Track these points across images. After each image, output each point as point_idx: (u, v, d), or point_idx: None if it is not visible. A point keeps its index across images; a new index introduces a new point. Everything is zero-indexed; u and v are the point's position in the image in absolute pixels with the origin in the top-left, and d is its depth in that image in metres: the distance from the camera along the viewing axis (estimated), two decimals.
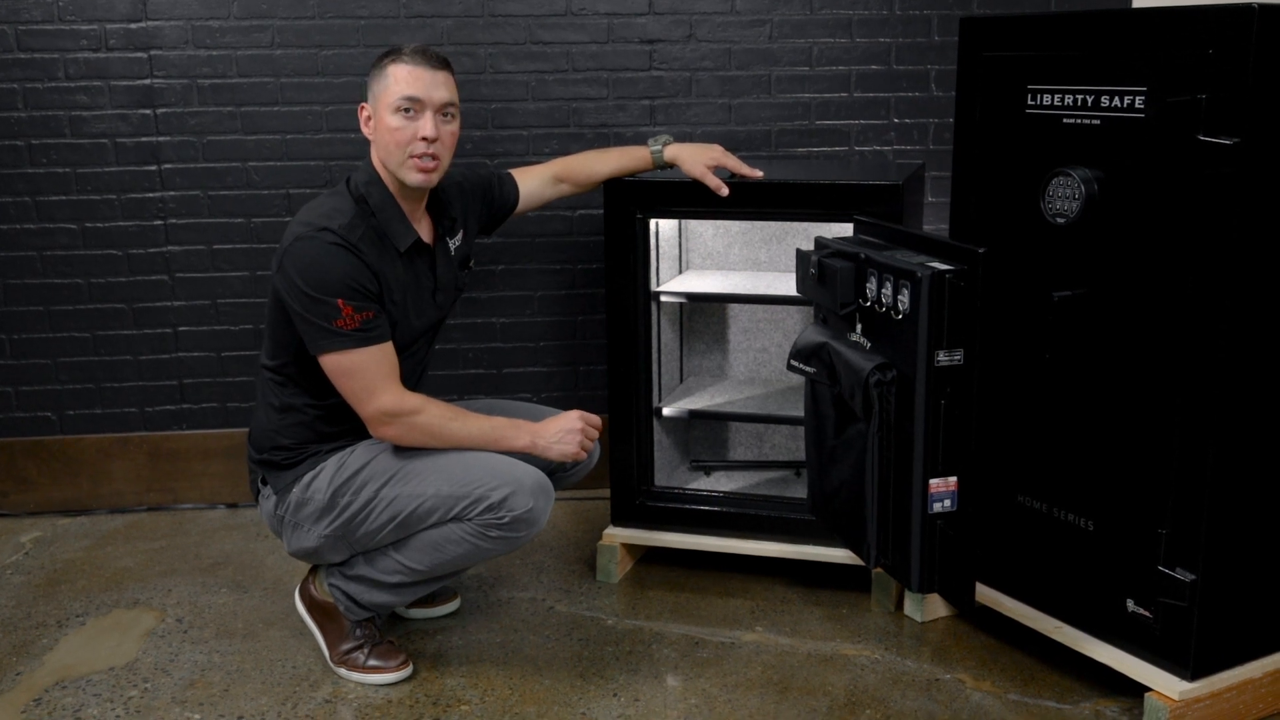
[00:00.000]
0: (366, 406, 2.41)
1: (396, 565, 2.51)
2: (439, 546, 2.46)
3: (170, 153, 3.39)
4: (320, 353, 2.39)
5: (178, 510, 3.57)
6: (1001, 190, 2.53)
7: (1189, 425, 2.23)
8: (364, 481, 2.47)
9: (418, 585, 2.57)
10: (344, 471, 2.49)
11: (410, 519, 2.44)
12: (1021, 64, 2.45)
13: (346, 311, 2.35)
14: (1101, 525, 2.42)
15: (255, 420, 2.62)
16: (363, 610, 2.60)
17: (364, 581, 2.56)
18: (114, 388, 3.51)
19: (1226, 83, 2.08)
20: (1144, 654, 2.37)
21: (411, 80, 2.44)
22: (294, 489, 2.52)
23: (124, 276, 3.44)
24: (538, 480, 2.44)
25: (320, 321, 2.36)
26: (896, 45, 3.50)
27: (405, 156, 2.46)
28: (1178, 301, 2.22)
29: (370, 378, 2.39)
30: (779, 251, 3.29)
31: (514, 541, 2.46)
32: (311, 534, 2.52)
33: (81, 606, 2.94)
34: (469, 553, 2.46)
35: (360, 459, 2.49)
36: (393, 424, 2.42)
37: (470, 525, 2.43)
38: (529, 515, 2.42)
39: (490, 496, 2.40)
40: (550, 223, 3.52)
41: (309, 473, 2.51)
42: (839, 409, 2.52)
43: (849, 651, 2.68)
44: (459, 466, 2.43)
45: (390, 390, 2.41)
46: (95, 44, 3.31)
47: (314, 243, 2.37)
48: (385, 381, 2.41)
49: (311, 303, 2.35)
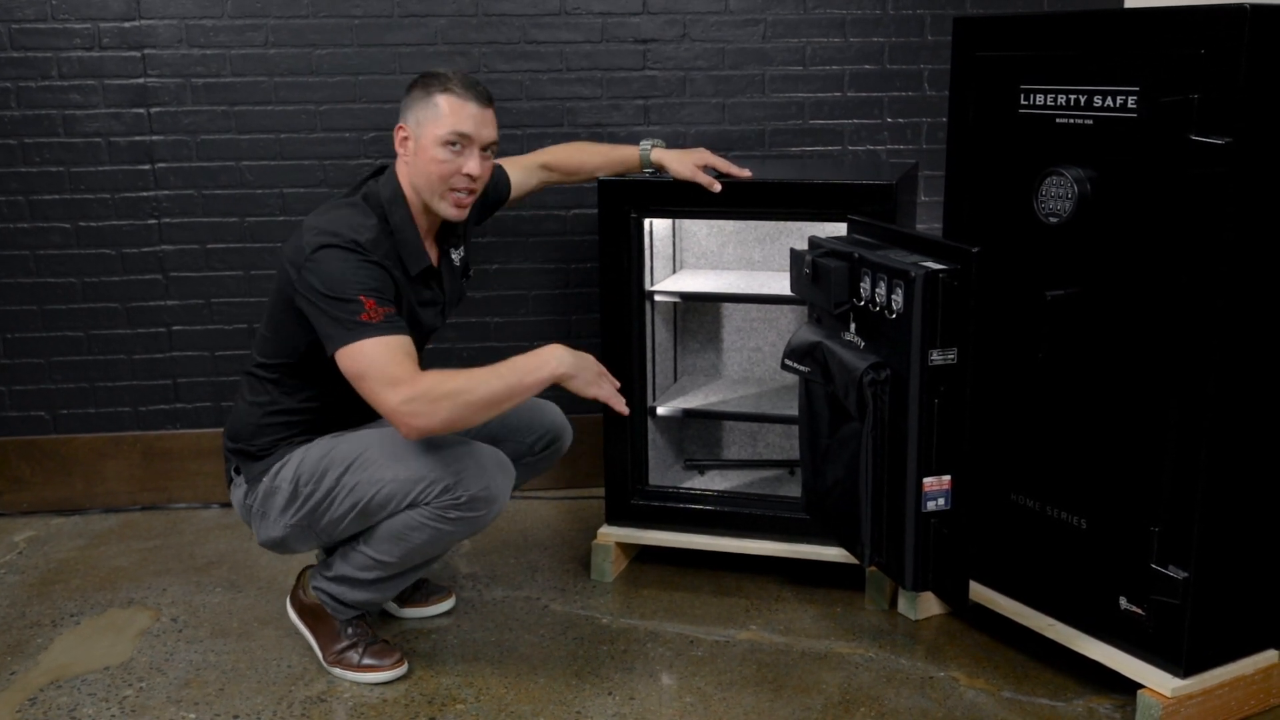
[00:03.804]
0: (390, 398, 2.29)
1: (368, 560, 2.51)
2: (402, 535, 2.45)
3: (164, 152, 3.38)
4: (342, 345, 2.32)
5: (171, 510, 3.57)
6: (995, 190, 2.54)
7: (1181, 424, 2.24)
8: (325, 470, 2.46)
9: (395, 578, 2.57)
10: (307, 461, 2.49)
11: (371, 506, 2.44)
12: (1014, 64, 2.46)
13: (369, 304, 2.32)
14: (1094, 523, 2.43)
15: (236, 412, 2.61)
16: (348, 609, 2.60)
17: (344, 581, 2.57)
18: (107, 387, 3.51)
19: (1218, 83, 2.09)
20: (1137, 651, 2.38)
21: (463, 117, 2.44)
22: (264, 479, 2.53)
23: (118, 276, 3.44)
24: (495, 458, 2.44)
25: (345, 317, 2.32)
26: (890, 45, 3.51)
27: (445, 189, 2.47)
28: (1170, 301, 2.23)
29: (387, 368, 2.30)
30: (773, 251, 3.30)
31: (475, 522, 2.44)
32: (278, 524, 2.52)
33: (76, 606, 2.94)
34: (433, 537, 2.45)
35: (321, 449, 2.49)
36: (417, 408, 2.28)
37: (429, 509, 2.41)
38: (486, 494, 2.41)
39: (446, 478, 2.39)
40: (545, 222, 3.52)
41: (278, 463, 2.52)
42: (833, 408, 2.53)
43: (843, 650, 2.68)
44: (407, 453, 2.42)
45: (407, 374, 2.31)
46: (89, 43, 3.31)
47: (339, 254, 2.35)
48: (402, 367, 2.31)
49: (335, 303, 2.33)
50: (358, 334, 2.32)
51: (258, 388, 2.56)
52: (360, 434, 2.52)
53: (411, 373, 2.32)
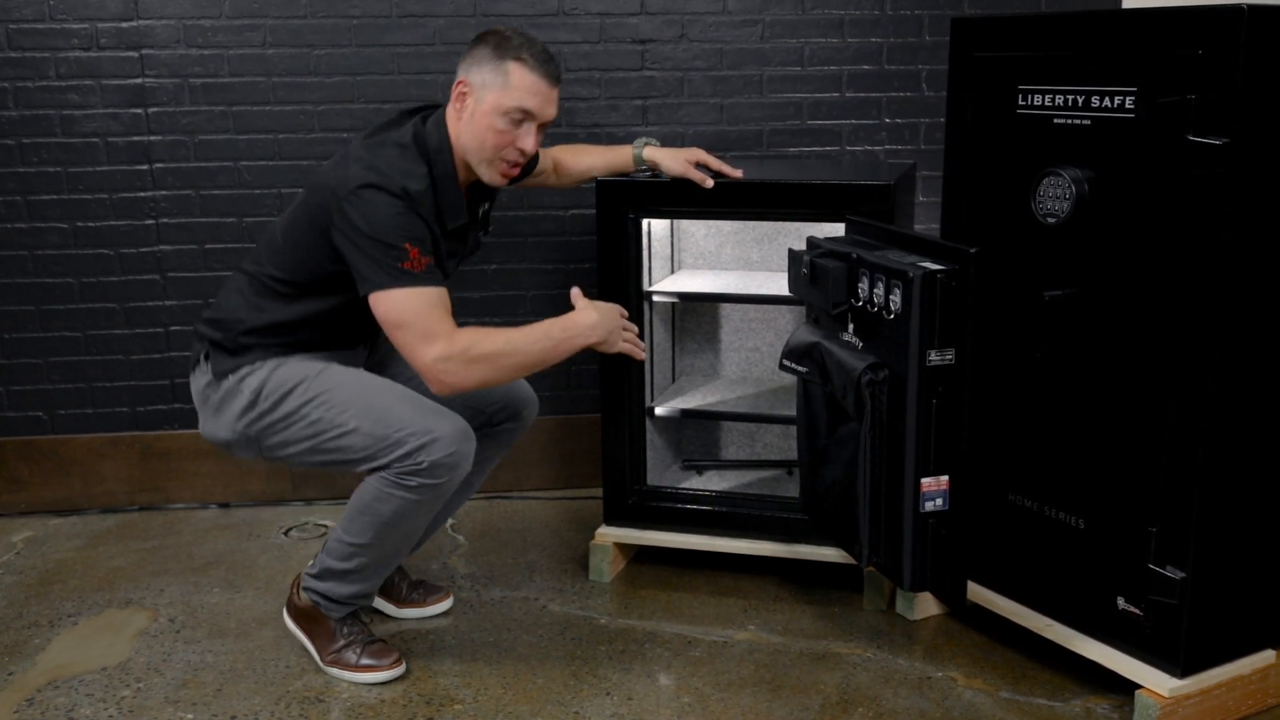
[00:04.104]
0: (426, 354, 2.30)
1: (346, 547, 2.51)
2: (369, 508, 2.45)
3: (162, 152, 3.38)
4: (380, 289, 2.30)
5: (169, 510, 3.57)
6: (992, 190, 2.54)
7: (1179, 424, 2.24)
8: (290, 391, 2.44)
9: (378, 565, 2.55)
10: (277, 378, 2.45)
11: (327, 446, 2.43)
12: (1012, 64, 2.46)
13: (414, 253, 2.29)
14: (1092, 523, 2.43)
15: (226, 303, 2.54)
16: (340, 606, 2.59)
17: (330, 575, 2.56)
18: (105, 387, 3.51)
19: (1216, 83, 2.09)
20: (1134, 651, 2.38)
21: (533, 93, 2.40)
22: (229, 377, 2.48)
23: (115, 276, 3.44)
24: (457, 425, 2.43)
25: (388, 262, 2.29)
26: (888, 45, 3.51)
27: (495, 158, 2.44)
28: (1168, 301, 2.23)
29: (427, 321, 2.31)
30: (771, 251, 3.30)
31: (438, 490, 2.43)
32: (228, 426, 2.49)
33: (74, 606, 2.94)
34: (400, 509, 2.43)
35: (295, 372, 2.46)
36: (452, 367, 2.31)
37: (390, 477, 2.41)
38: (449, 460, 2.40)
39: (409, 442, 2.38)
40: (542, 223, 3.52)
41: (248, 367, 2.47)
42: (831, 408, 2.53)
43: (841, 650, 2.68)
44: (383, 406, 2.41)
45: (445, 329, 2.32)
46: (86, 43, 3.30)
47: (386, 199, 2.30)
48: (441, 322, 2.32)
49: (378, 245, 2.29)
50: (401, 281, 2.30)
51: (261, 292, 2.50)
52: (339, 371, 2.48)
53: (450, 330, 2.32)
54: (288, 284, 2.48)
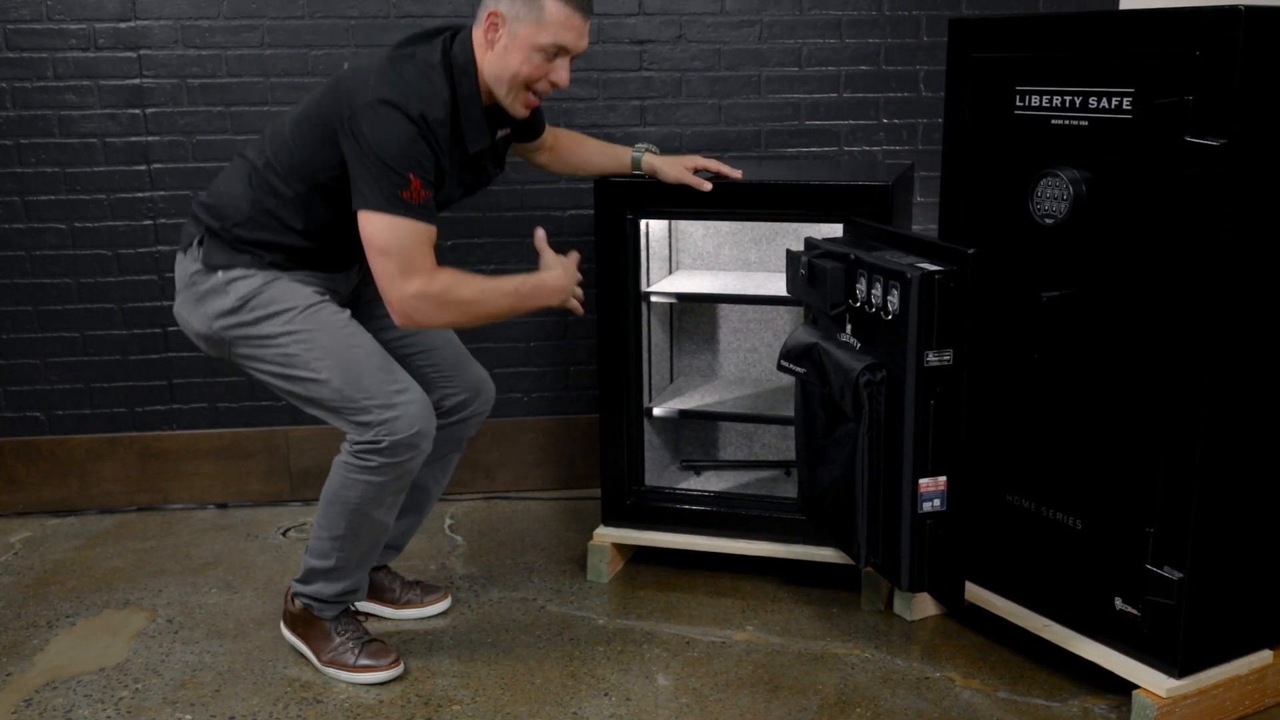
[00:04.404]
0: (402, 288, 2.30)
1: (325, 542, 2.53)
2: (338, 497, 2.48)
3: (160, 152, 3.38)
4: (372, 209, 2.28)
5: (167, 510, 3.57)
6: (990, 191, 2.54)
7: (1177, 424, 2.25)
8: (275, 315, 2.42)
9: (358, 558, 2.56)
10: (266, 294, 2.42)
11: (293, 382, 2.44)
12: (1010, 65, 2.46)
13: (415, 185, 2.27)
14: (1090, 524, 2.44)
15: (227, 190, 2.49)
16: (330, 605, 2.60)
17: (315, 576, 2.58)
18: (103, 388, 3.51)
19: (1213, 84, 2.09)
20: (1132, 652, 2.39)
21: (569, 28, 2.37)
22: (219, 273, 2.44)
23: (113, 276, 3.44)
24: (421, 406, 2.45)
25: (387, 185, 2.27)
26: (885, 46, 3.52)
27: (522, 90, 2.42)
28: (1166, 302, 2.23)
29: (413, 255, 2.30)
30: (769, 252, 3.30)
31: (399, 469, 2.45)
32: (204, 319, 2.46)
33: (72, 607, 2.94)
34: (365, 493, 2.46)
35: (286, 296, 2.43)
36: (423, 306, 2.32)
37: (352, 460, 2.44)
38: (410, 439, 2.42)
39: (371, 413, 2.41)
40: (540, 223, 3.50)
41: (241, 270, 2.43)
42: (829, 409, 2.53)
43: (839, 650, 2.69)
44: (357, 370, 2.41)
45: (426, 272, 2.31)
46: (84, 43, 3.30)
47: (402, 122, 2.27)
48: (425, 261, 2.31)
49: (381, 166, 2.27)
50: (396, 208, 2.28)
51: (262, 187, 2.45)
52: (327, 314, 2.46)
53: (431, 269, 2.32)
54: (290, 184, 2.42)
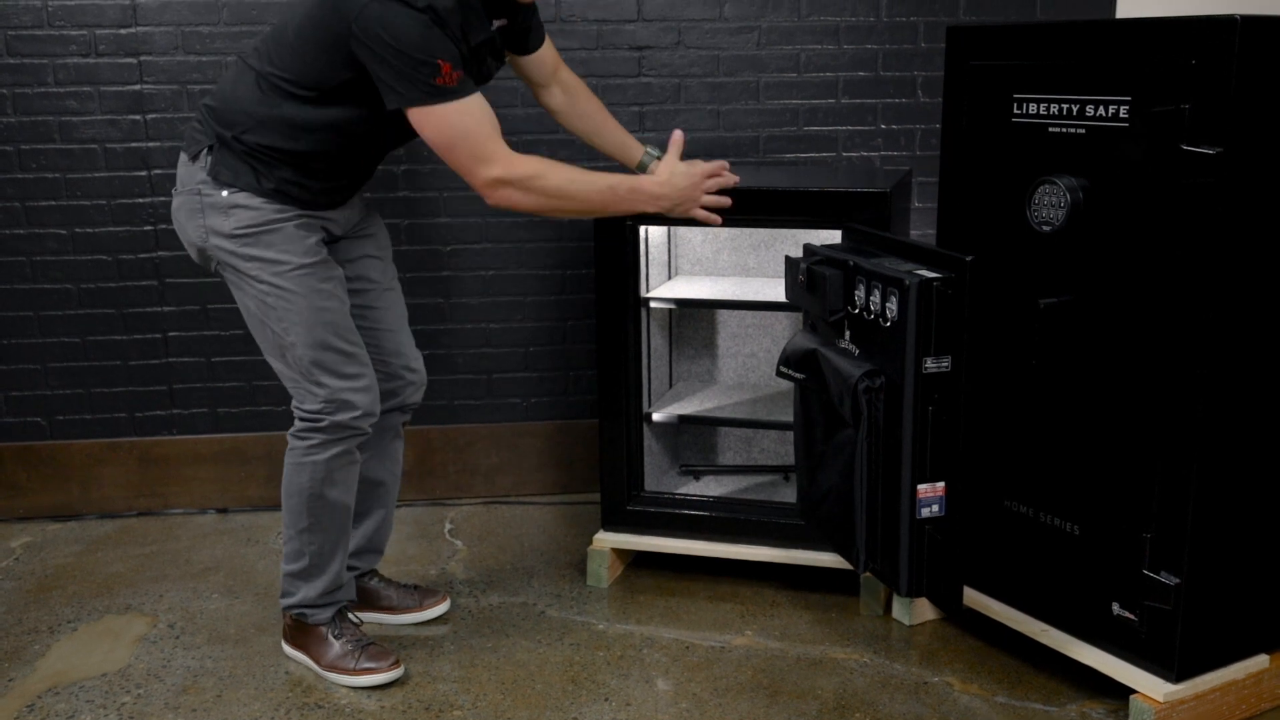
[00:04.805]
0: (480, 174, 2.32)
1: (293, 543, 2.58)
2: (291, 486, 2.54)
3: (160, 158, 3.39)
4: (416, 104, 2.26)
5: (167, 515, 3.57)
6: (988, 198, 2.55)
7: (1173, 430, 2.26)
8: (265, 261, 2.40)
9: (330, 550, 2.59)
10: (265, 237, 2.41)
11: (263, 328, 2.47)
12: (1007, 73, 2.48)
13: (446, 68, 2.24)
14: (1087, 529, 2.45)
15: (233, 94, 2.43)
16: (320, 609, 2.62)
17: (296, 583, 2.61)
18: (104, 393, 3.51)
19: (1209, 93, 2.11)
20: (1129, 656, 2.40)
21: None
22: (224, 191, 2.40)
23: (114, 282, 3.45)
24: (367, 400, 2.51)
25: (419, 78, 2.23)
26: (883, 52, 3.53)
27: None
28: (1162, 308, 2.25)
29: (479, 138, 2.30)
30: (767, 257, 3.32)
31: (342, 445, 2.51)
32: (200, 231, 2.44)
33: (73, 612, 2.94)
34: (315, 474, 2.51)
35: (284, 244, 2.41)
36: (508, 192, 2.35)
37: (296, 444, 2.51)
38: (352, 421, 2.49)
39: (319, 395, 2.46)
40: (540, 228, 3.53)
41: (246, 195, 2.40)
42: (828, 415, 2.54)
43: (838, 655, 2.70)
44: (321, 350, 2.44)
45: (501, 153, 2.32)
46: (85, 49, 3.31)
47: (412, 15, 2.22)
48: (494, 142, 2.31)
49: (407, 59, 2.22)
50: (438, 97, 2.26)
51: (271, 89, 2.39)
52: (312, 285, 2.44)
53: (506, 154, 2.33)
54: (299, 88, 2.37)
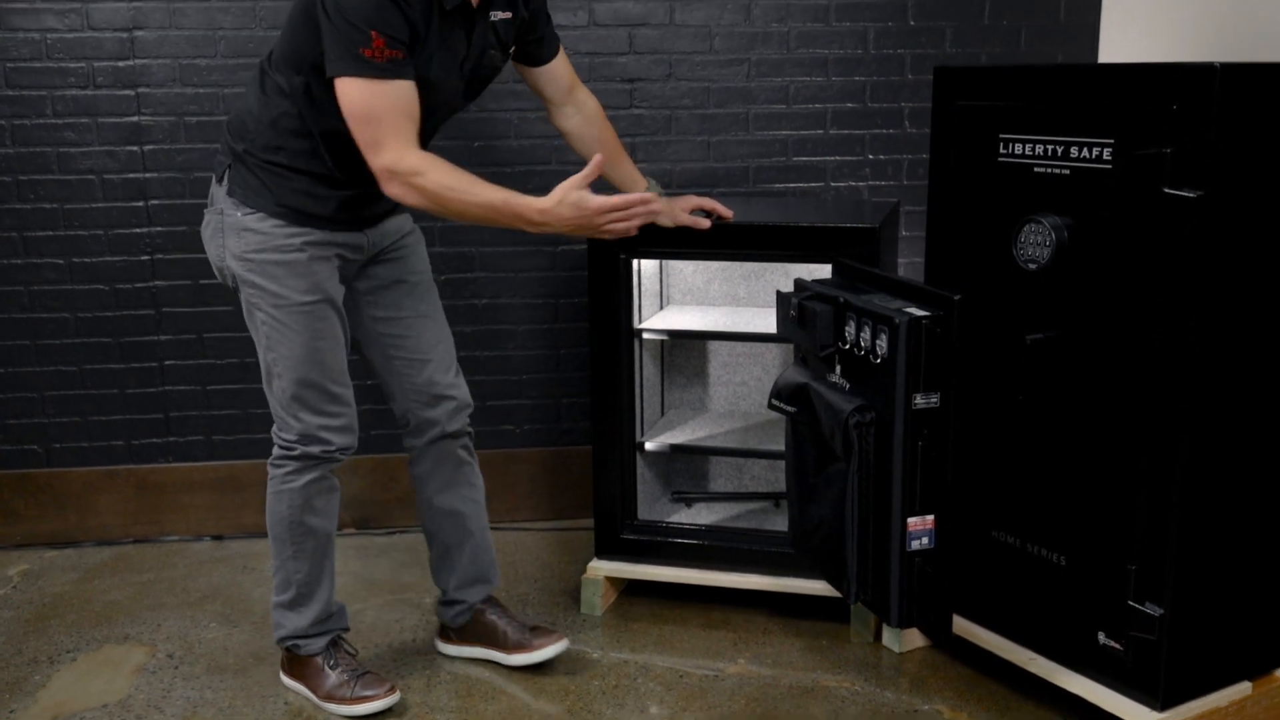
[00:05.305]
0: (373, 158, 2.29)
1: (280, 573, 2.63)
2: (273, 514, 2.59)
3: (158, 189, 3.42)
4: (338, 75, 2.25)
5: (164, 542, 3.60)
6: (975, 235, 2.60)
7: (1156, 464, 2.31)
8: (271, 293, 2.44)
9: (315, 578, 2.63)
10: (275, 268, 2.44)
11: (262, 350, 2.51)
12: (994, 113, 2.53)
13: (378, 42, 2.21)
14: (1073, 560, 2.50)
15: (243, 104, 2.49)
16: (312, 639, 2.65)
17: (286, 614, 2.64)
18: (100, 421, 3.54)
19: (1191, 138, 2.16)
20: (1115, 685, 2.45)
21: None
22: (240, 211, 2.45)
23: (111, 311, 3.48)
24: (346, 434, 2.56)
25: (347, 43, 2.22)
26: (871, 84, 3.58)
27: None
28: (1145, 345, 2.30)
29: (382, 124, 2.26)
30: (758, 287, 3.36)
31: (313, 474, 2.55)
32: (219, 250, 2.50)
33: (72, 641, 2.97)
34: (294, 500, 2.56)
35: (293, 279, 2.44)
36: (395, 182, 2.30)
37: (274, 471, 2.56)
38: (323, 454, 2.54)
39: (294, 430, 2.52)
40: (532, 258, 3.57)
41: (261, 214, 2.43)
42: (819, 447, 2.59)
43: (830, 683, 2.74)
44: (310, 382, 2.48)
45: (396, 144, 2.27)
46: (83, 81, 3.35)
47: None
48: (396, 133, 2.27)
49: (343, 23, 2.22)
50: (358, 69, 2.23)
51: (271, 87, 2.42)
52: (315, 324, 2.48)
53: (403, 144, 2.28)
54: (287, 75, 2.39)
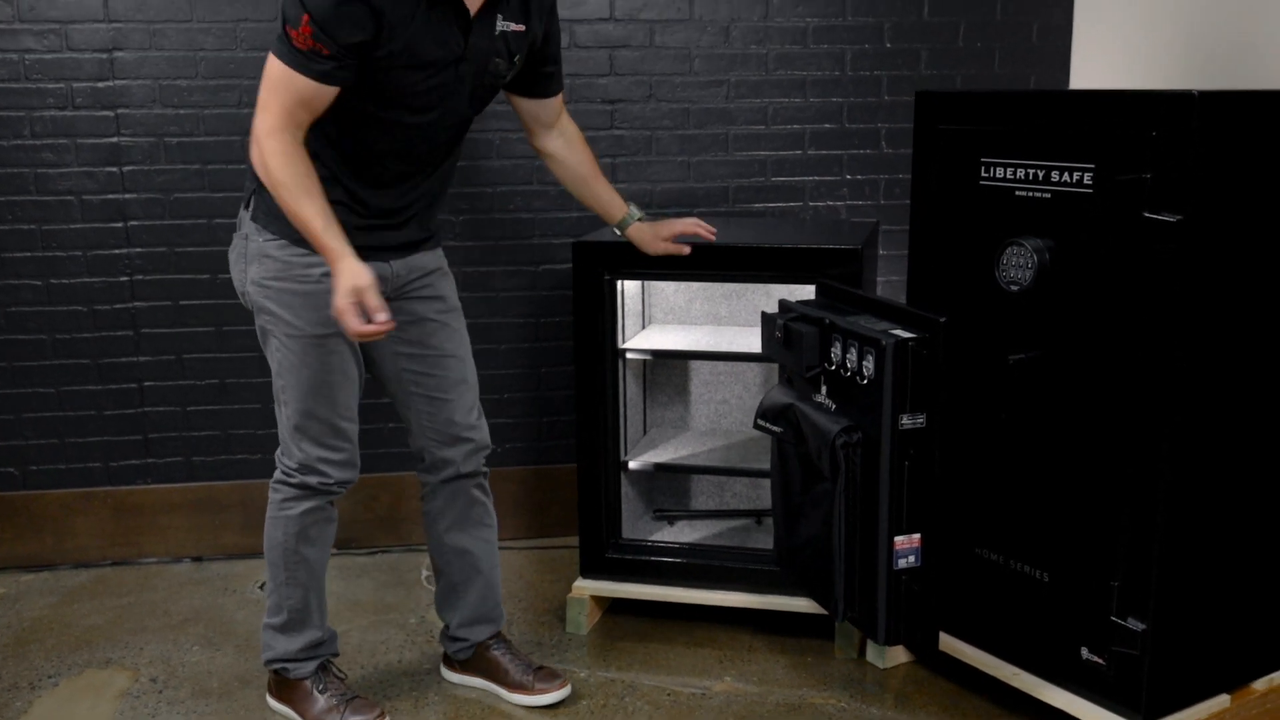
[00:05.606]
0: (256, 120, 2.28)
1: (274, 597, 2.61)
2: (270, 540, 2.58)
3: (137, 210, 3.41)
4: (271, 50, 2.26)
5: (142, 564, 3.57)
6: (957, 257, 2.64)
7: (1138, 482, 2.36)
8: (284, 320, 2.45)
9: (306, 604, 2.61)
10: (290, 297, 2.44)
11: (274, 374, 2.51)
12: (975, 137, 2.57)
13: (306, 30, 2.18)
14: (1056, 577, 2.54)
15: None
16: (300, 663, 2.64)
17: (276, 636, 2.63)
18: (78, 443, 3.52)
19: (1170, 163, 2.21)
20: (1098, 699, 2.48)
21: None
22: (261, 237, 2.44)
23: (89, 332, 3.45)
24: (345, 469, 2.55)
25: (284, 16, 2.22)
26: (848, 104, 3.63)
27: None
28: (1127, 365, 2.34)
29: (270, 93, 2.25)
30: (739, 307, 3.39)
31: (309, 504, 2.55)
32: (241, 275, 2.51)
33: (53, 667, 2.94)
34: (289, 528, 2.56)
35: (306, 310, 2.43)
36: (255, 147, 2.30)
37: (273, 496, 2.57)
38: (319, 486, 2.53)
39: (300, 453, 2.51)
40: (514, 277, 3.59)
41: (281, 241, 2.42)
42: (805, 468, 2.61)
43: (816, 700, 2.76)
44: (314, 415, 2.48)
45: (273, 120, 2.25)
46: (62, 102, 3.33)
47: None
48: (283, 111, 2.25)
49: (288, 2, 2.21)
50: (276, 46, 2.24)
51: None
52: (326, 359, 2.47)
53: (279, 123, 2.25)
54: None
